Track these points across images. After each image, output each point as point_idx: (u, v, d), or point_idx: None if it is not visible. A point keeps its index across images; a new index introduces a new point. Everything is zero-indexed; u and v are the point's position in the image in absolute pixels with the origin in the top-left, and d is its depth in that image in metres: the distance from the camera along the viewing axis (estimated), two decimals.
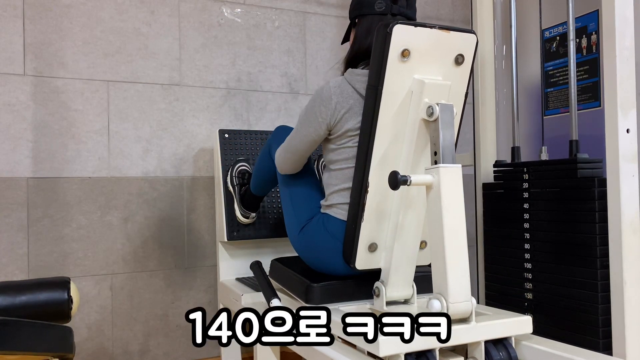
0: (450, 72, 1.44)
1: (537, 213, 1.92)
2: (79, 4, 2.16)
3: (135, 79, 2.24)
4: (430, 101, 1.35)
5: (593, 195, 1.71)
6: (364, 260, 1.49)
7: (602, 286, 1.70)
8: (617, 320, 1.60)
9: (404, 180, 1.25)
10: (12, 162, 2.05)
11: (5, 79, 2.05)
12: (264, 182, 1.94)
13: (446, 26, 1.41)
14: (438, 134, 1.30)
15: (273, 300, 1.53)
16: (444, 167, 1.27)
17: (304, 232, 1.61)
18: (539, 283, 1.91)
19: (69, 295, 1.40)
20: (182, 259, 2.30)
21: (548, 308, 1.88)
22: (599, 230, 1.70)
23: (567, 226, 1.80)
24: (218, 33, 2.39)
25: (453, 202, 1.26)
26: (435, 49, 1.40)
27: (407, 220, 1.42)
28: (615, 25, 1.60)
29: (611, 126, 1.62)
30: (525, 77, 2.40)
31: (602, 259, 1.70)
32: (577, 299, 1.76)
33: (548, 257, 1.87)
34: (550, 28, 2.27)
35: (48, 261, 2.09)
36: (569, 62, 1.93)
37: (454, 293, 1.24)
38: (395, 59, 1.36)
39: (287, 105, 2.51)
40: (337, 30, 2.63)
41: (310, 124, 1.53)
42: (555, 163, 1.85)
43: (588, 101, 2.10)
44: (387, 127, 1.41)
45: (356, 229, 1.46)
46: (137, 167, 2.23)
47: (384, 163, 1.44)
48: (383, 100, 1.39)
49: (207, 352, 2.33)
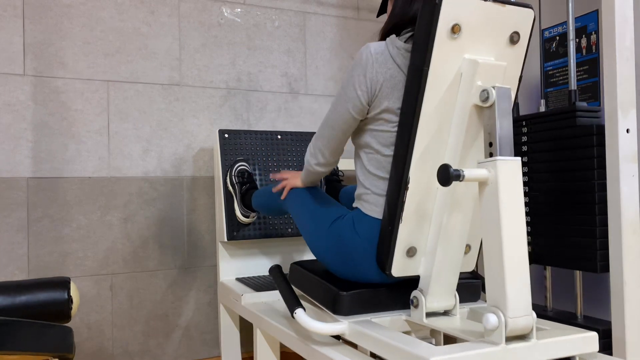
0: (504, 52, 1.28)
1: (536, 165, 1.92)
2: (79, 4, 2.16)
3: (135, 79, 2.24)
4: (484, 84, 1.19)
5: (592, 142, 1.72)
6: (401, 266, 1.32)
7: (600, 232, 1.70)
8: (617, 320, 1.60)
9: (456, 175, 1.08)
10: (12, 162, 2.05)
11: (5, 79, 2.05)
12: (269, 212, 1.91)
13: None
14: (494, 122, 1.13)
15: (297, 310, 1.35)
16: (502, 160, 1.10)
17: (331, 234, 1.42)
18: (537, 234, 1.92)
19: (69, 295, 1.40)
20: (182, 259, 2.30)
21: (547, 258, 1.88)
22: (597, 176, 1.70)
23: (565, 175, 1.81)
24: (218, 33, 2.39)
25: (513, 200, 1.11)
26: (489, 25, 1.24)
27: (452, 222, 1.27)
28: (615, 25, 1.60)
29: (611, 126, 1.62)
30: (526, 77, 2.40)
31: (599, 205, 1.70)
32: (575, 246, 1.77)
33: (547, 207, 1.88)
34: (550, 28, 2.27)
35: (48, 261, 2.09)
36: (568, 62, 1.93)
37: (513, 306, 1.08)
38: (443, 35, 1.20)
39: (287, 105, 2.51)
40: (337, 30, 2.63)
41: (348, 98, 1.33)
42: (554, 114, 1.85)
43: (588, 101, 2.10)
44: (432, 114, 1.25)
45: (393, 231, 1.29)
46: (137, 167, 2.23)
47: (427, 156, 1.27)
48: (429, 83, 1.22)
49: (207, 352, 2.33)
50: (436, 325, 1.27)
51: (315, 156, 1.47)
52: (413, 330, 1.41)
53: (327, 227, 1.44)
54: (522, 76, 1.37)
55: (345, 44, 2.64)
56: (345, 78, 1.35)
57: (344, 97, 1.34)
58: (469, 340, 1.16)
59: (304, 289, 1.57)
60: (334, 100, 1.39)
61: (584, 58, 2.12)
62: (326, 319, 1.42)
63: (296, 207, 1.59)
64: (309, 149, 1.50)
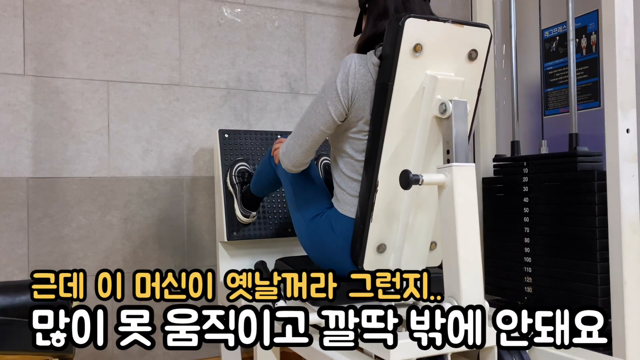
0: (463, 67, 1.40)
1: (536, 207, 1.92)
2: (79, 4, 2.16)
3: (135, 79, 2.24)
4: (443, 97, 1.31)
5: (593, 188, 1.72)
6: (372, 261, 1.45)
7: (602, 279, 1.70)
8: (617, 320, 1.60)
9: (415, 180, 1.21)
10: (12, 162, 2.05)
11: (5, 79, 2.05)
12: (264, 187, 1.94)
13: (459, 20, 1.37)
14: (451, 131, 1.26)
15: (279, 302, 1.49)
16: (457, 166, 1.23)
17: (311, 229, 1.56)
18: (538, 277, 1.91)
19: None
20: (182, 259, 2.30)
21: (548, 302, 1.88)
22: (598, 223, 1.70)
23: (566, 219, 1.81)
24: (218, 33, 2.39)
25: (466, 202, 1.23)
26: (448, 44, 1.36)
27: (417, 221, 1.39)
28: (615, 25, 1.60)
29: (611, 126, 1.62)
30: (525, 77, 2.40)
31: (601, 252, 1.70)
32: (577, 292, 1.77)
33: (548, 250, 1.88)
34: (550, 28, 2.27)
35: (48, 261, 2.09)
36: (568, 62, 1.93)
37: (467, 296, 1.21)
38: (407, 53, 1.32)
39: (287, 105, 2.51)
40: (337, 30, 2.63)
41: (329, 98, 1.42)
42: (555, 156, 1.85)
43: (588, 101, 2.10)
44: (398, 124, 1.37)
45: (364, 229, 1.41)
46: (137, 167, 2.23)
47: (395, 161, 1.39)
48: (394, 97, 1.34)
49: (207, 352, 2.33)
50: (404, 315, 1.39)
51: (287, 156, 1.55)
52: None
53: (308, 222, 1.57)
54: (481, 89, 1.47)
55: (345, 44, 2.64)
56: (328, 82, 1.44)
57: (325, 99, 1.43)
58: None
59: None
60: (312, 103, 1.48)
61: (584, 58, 2.12)
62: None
63: (286, 183, 1.69)
64: (282, 147, 1.58)
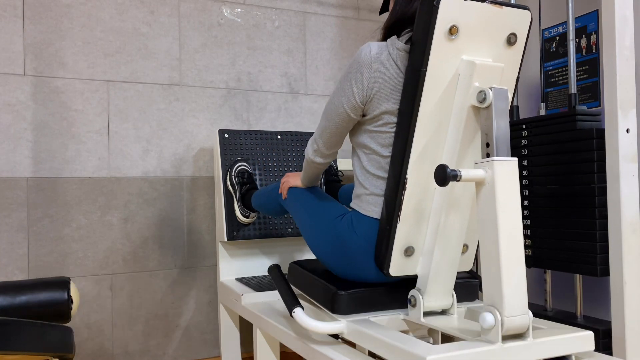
0: (501, 53, 1.29)
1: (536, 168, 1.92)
2: (79, 4, 2.16)
3: (135, 79, 2.24)
4: (482, 85, 1.21)
5: (592, 146, 1.72)
6: (399, 265, 1.33)
7: (600, 236, 1.70)
8: (617, 320, 1.60)
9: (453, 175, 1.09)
10: (12, 162, 2.05)
11: (5, 79, 2.05)
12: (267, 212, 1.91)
13: (499, 1, 1.26)
14: (491, 122, 1.14)
15: (296, 310, 1.36)
16: (499, 161, 1.11)
17: (329, 235, 1.43)
18: (537, 238, 1.92)
19: (69, 295, 1.40)
20: (182, 259, 2.30)
21: (547, 261, 1.88)
22: (597, 180, 1.70)
23: (565, 178, 1.81)
24: (218, 33, 2.39)
25: (509, 200, 1.12)
26: (486, 27, 1.25)
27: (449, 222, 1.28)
28: (615, 25, 1.60)
29: (611, 126, 1.62)
30: (525, 77, 2.40)
31: (600, 208, 1.70)
32: (575, 250, 1.77)
33: (546, 211, 1.88)
34: (550, 28, 2.27)
35: (48, 261, 2.09)
36: (568, 62, 1.93)
37: (510, 305, 1.09)
38: (441, 36, 1.21)
39: (287, 105, 2.51)
40: (337, 30, 2.63)
41: (344, 93, 1.34)
42: (554, 117, 1.85)
43: (588, 101, 2.10)
44: (430, 115, 1.25)
45: (391, 230, 1.30)
46: (137, 167, 2.23)
47: (425, 156, 1.28)
48: (426, 84, 1.23)
49: (207, 352, 2.33)
50: (433, 325, 1.28)
51: (312, 144, 1.49)
52: (411, 329, 1.42)
53: (326, 226, 1.44)
54: (519, 77, 1.36)
55: (345, 44, 2.64)
56: (344, 73, 1.35)
57: (340, 91, 1.35)
58: (466, 339, 1.17)
59: (303, 289, 1.58)
60: (332, 93, 1.40)
61: (584, 58, 2.12)
62: (324, 318, 1.43)
63: (296, 206, 1.60)
64: (309, 141, 1.52)
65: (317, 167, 1.53)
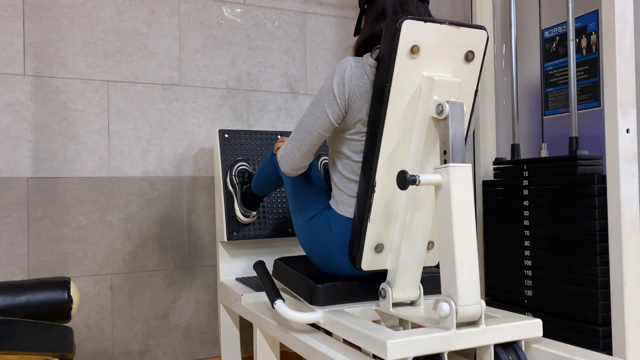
0: (460, 69, 1.41)
1: (537, 210, 1.92)
2: (79, 4, 2.16)
3: (135, 79, 2.24)
4: (440, 99, 1.33)
5: (593, 192, 1.72)
6: (370, 261, 1.47)
7: (602, 283, 1.70)
8: (617, 320, 1.60)
9: (412, 180, 1.22)
10: (12, 162, 2.05)
11: (5, 79, 2.05)
12: (265, 185, 1.94)
13: (456, 22, 1.38)
14: (448, 132, 1.27)
15: (277, 301, 1.51)
16: (454, 167, 1.24)
17: (309, 229, 1.57)
18: (538, 280, 1.91)
19: (69, 295, 1.40)
20: (182, 259, 2.30)
21: (548, 305, 1.88)
22: (598, 227, 1.70)
23: (566, 223, 1.81)
24: (218, 33, 2.39)
25: (463, 202, 1.24)
26: (445, 45, 1.37)
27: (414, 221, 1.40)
28: (615, 25, 1.60)
29: (611, 126, 1.62)
30: (525, 77, 2.40)
31: (601, 255, 1.70)
32: (576, 296, 1.77)
33: (548, 254, 1.88)
34: (550, 28, 2.27)
35: (48, 261, 2.09)
36: (568, 62, 1.93)
37: (463, 295, 1.21)
38: (404, 55, 1.33)
39: (287, 105, 2.51)
40: (337, 30, 2.63)
41: (326, 101, 1.43)
42: (555, 160, 1.86)
43: (588, 101, 2.10)
44: (395, 125, 1.38)
45: (362, 229, 1.43)
46: (137, 167, 2.23)
47: (392, 162, 1.41)
48: (391, 98, 1.35)
49: (207, 352, 2.33)
50: (401, 314, 1.42)
51: (286, 160, 1.55)
52: (383, 319, 1.56)
53: (307, 222, 1.59)
54: (477, 90, 1.48)
55: (345, 44, 2.64)
56: (325, 85, 1.45)
57: (323, 101, 1.45)
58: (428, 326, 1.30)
59: (285, 283, 1.72)
60: (309, 106, 1.49)
61: (584, 58, 2.12)
62: (303, 309, 1.57)
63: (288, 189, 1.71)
64: (280, 151, 1.57)
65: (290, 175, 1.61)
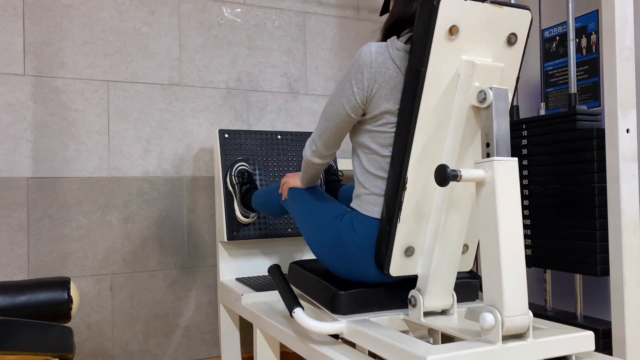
0: (501, 53, 1.28)
1: (536, 168, 1.93)
2: (79, 4, 2.16)
3: (135, 79, 2.24)
4: (482, 85, 1.20)
5: (592, 146, 1.72)
6: (399, 265, 1.33)
7: (601, 235, 1.70)
8: (617, 320, 1.60)
9: (454, 176, 1.09)
10: (12, 162, 2.05)
11: (5, 79, 2.05)
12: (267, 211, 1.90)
13: (499, 1, 1.26)
14: (491, 122, 1.14)
15: (296, 310, 1.36)
16: (499, 161, 1.10)
17: (329, 235, 1.43)
18: (537, 238, 1.92)
19: (69, 295, 1.40)
20: (182, 259, 2.30)
21: (547, 262, 1.88)
22: (597, 179, 1.71)
23: (565, 178, 1.81)
24: (218, 33, 2.39)
25: (509, 200, 1.11)
26: (486, 27, 1.24)
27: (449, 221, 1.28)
28: (615, 25, 1.60)
29: (611, 126, 1.62)
30: (525, 77, 2.40)
31: (600, 208, 1.70)
32: (575, 250, 1.77)
33: (546, 210, 1.88)
34: (550, 28, 2.27)
35: (48, 261, 2.09)
36: (568, 62, 1.93)
37: (510, 305, 1.09)
38: (441, 37, 1.20)
39: (287, 105, 2.51)
40: (337, 30, 2.63)
41: (344, 93, 1.34)
42: (554, 117, 1.86)
43: (588, 101, 2.10)
44: (430, 115, 1.25)
45: (391, 230, 1.30)
46: (137, 167, 2.23)
47: (425, 156, 1.28)
48: (426, 84, 1.22)
49: (207, 352, 2.33)
50: (434, 325, 1.28)
51: (310, 145, 1.49)
52: (411, 329, 1.42)
53: (326, 227, 1.44)
54: (519, 77, 1.37)
55: (345, 44, 2.64)
56: (344, 73, 1.36)
57: (340, 92, 1.35)
58: (466, 339, 1.17)
59: (303, 289, 1.57)
60: (331, 93, 1.40)
61: (584, 58, 2.12)
62: (325, 318, 1.43)
63: (296, 206, 1.60)
64: (308, 141, 1.52)
65: (316, 167, 1.53)
